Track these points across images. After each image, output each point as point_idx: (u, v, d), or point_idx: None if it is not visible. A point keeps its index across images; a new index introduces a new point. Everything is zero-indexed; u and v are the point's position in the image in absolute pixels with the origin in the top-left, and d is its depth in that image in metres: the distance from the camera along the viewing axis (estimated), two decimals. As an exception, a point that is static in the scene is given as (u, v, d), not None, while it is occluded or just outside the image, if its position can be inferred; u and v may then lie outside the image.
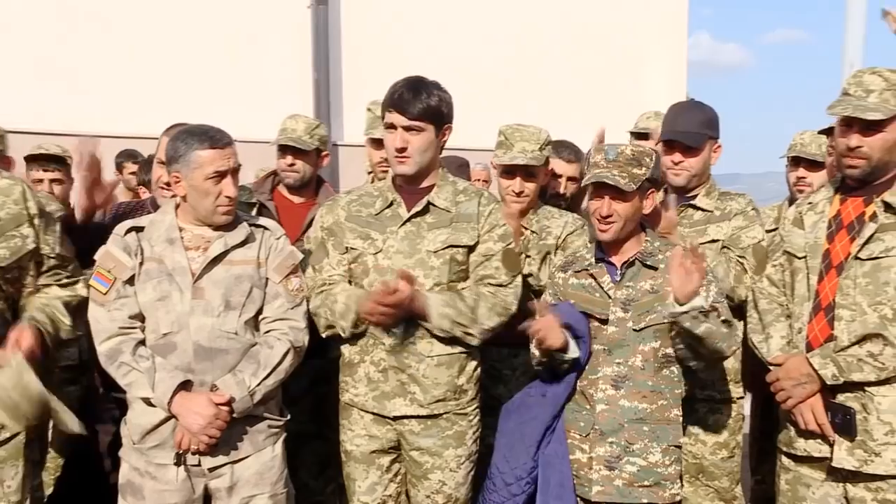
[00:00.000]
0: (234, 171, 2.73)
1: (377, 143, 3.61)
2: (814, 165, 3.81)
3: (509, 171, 3.32)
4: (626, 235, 2.83)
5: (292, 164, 3.69)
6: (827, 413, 2.64)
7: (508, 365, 3.37)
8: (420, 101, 2.81)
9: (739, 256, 3.15)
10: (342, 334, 2.91)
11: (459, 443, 2.95)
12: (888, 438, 2.56)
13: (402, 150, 2.84)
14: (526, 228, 3.33)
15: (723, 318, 2.67)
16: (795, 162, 3.93)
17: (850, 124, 2.63)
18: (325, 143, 3.85)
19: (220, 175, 2.69)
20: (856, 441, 2.59)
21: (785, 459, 2.82)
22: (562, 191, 3.72)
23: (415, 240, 2.88)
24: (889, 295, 2.56)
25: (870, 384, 2.57)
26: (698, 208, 3.29)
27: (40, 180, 4.22)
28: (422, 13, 7.49)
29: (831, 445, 2.64)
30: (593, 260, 2.89)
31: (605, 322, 2.79)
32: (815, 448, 2.69)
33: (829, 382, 2.58)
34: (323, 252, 3.01)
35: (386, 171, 3.47)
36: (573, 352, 2.76)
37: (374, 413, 2.93)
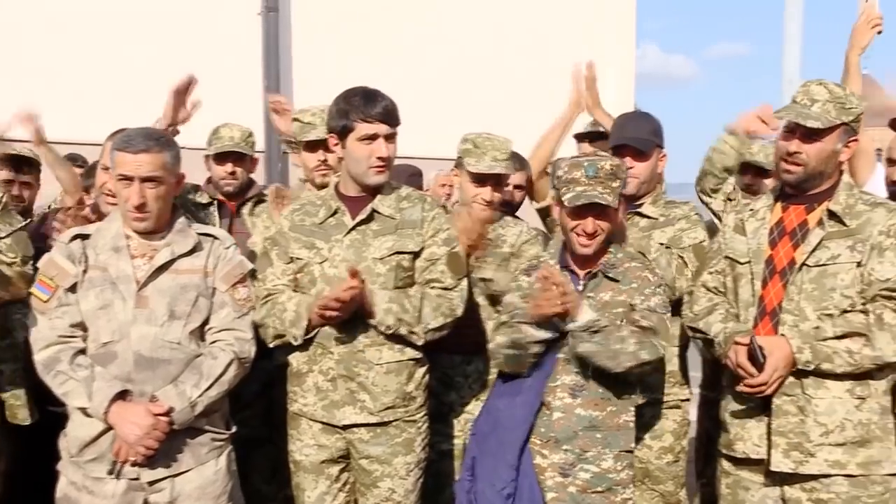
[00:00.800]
0: (147, 180, 2.63)
1: (311, 148, 3.57)
2: (761, 173, 3.92)
3: (481, 179, 3.30)
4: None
5: (233, 172, 3.69)
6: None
7: (461, 372, 3.36)
8: (396, 110, 2.85)
9: (679, 255, 3.20)
10: (293, 342, 2.88)
11: (408, 450, 2.94)
12: (823, 439, 2.61)
13: (388, 159, 2.85)
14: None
15: (626, 333, 2.69)
16: (744, 169, 4.06)
17: (793, 130, 2.70)
18: (254, 148, 3.87)
19: (126, 179, 2.63)
20: (792, 443, 2.64)
21: (725, 463, 2.85)
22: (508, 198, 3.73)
23: (360, 248, 2.87)
24: (835, 300, 2.62)
25: (808, 387, 2.62)
26: (644, 215, 3.33)
27: (11, 181, 4.14)
28: (372, 22, 7.47)
29: (769, 448, 2.68)
30: (557, 267, 2.89)
31: (564, 333, 2.79)
32: (753, 450, 2.73)
33: (800, 366, 2.60)
34: (266, 261, 2.99)
35: (325, 175, 3.44)
36: (547, 333, 2.75)
37: (323, 422, 2.91)
